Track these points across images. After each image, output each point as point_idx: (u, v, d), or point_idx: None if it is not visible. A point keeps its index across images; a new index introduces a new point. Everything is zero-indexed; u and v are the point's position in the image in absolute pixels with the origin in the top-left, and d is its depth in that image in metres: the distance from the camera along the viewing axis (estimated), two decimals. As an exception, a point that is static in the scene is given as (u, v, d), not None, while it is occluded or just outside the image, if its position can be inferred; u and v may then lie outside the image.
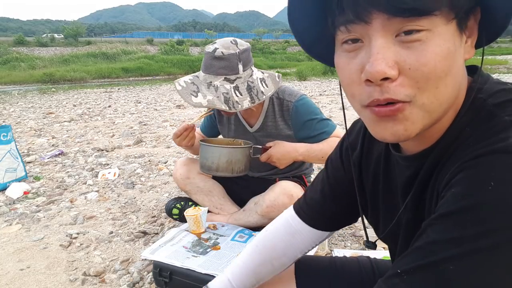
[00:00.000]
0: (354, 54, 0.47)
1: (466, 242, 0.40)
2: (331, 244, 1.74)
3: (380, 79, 0.43)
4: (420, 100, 0.45)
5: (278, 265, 0.84)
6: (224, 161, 1.56)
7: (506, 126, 0.44)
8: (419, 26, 0.42)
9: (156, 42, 39.57)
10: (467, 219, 0.41)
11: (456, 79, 0.47)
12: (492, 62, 18.90)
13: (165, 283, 1.36)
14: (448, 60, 0.44)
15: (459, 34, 0.46)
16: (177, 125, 5.32)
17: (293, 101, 1.64)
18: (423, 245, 0.45)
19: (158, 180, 2.84)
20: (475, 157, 0.43)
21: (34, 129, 5.29)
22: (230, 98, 1.47)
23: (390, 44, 0.44)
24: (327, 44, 0.54)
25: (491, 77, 0.54)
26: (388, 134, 0.48)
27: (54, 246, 1.83)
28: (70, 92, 12.38)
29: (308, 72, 14.35)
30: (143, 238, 1.88)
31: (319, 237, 0.83)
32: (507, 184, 0.39)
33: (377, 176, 0.68)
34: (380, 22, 0.43)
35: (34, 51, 31.24)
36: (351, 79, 0.48)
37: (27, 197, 2.55)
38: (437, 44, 0.43)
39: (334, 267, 0.91)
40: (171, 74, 24.78)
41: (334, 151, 0.81)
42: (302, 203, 0.84)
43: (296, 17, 0.52)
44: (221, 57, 1.46)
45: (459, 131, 0.49)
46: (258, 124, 1.73)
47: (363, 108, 0.49)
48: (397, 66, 0.44)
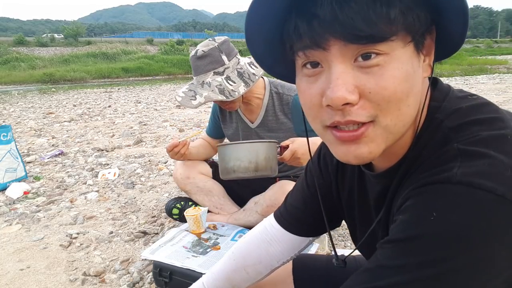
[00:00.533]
0: (314, 79, 0.47)
1: (410, 270, 0.42)
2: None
3: (341, 104, 0.44)
4: (384, 121, 0.45)
5: (253, 273, 0.83)
6: (263, 158, 1.39)
7: (455, 154, 0.44)
8: (377, 50, 0.43)
9: (156, 42, 39.57)
10: (411, 248, 0.43)
11: (417, 99, 0.48)
12: (492, 62, 18.92)
13: (165, 283, 1.36)
14: (408, 82, 0.45)
15: (417, 55, 0.46)
16: (177, 125, 5.32)
17: (293, 95, 1.67)
18: (373, 268, 0.47)
19: (158, 180, 2.84)
20: (422, 185, 0.45)
21: (34, 129, 5.29)
22: (224, 89, 1.51)
23: (349, 69, 0.44)
24: (288, 65, 0.54)
25: (451, 90, 0.54)
26: (351, 157, 0.48)
27: (54, 246, 1.83)
28: (70, 92, 12.39)
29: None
30: (143, 238, 1.88)
31: (298, 245, 0.82)
32: (447, 215, 0.41)
33: (352, 187, 0.69)
34: (338, 48, 0.43)
35: (34, 51, 31.25)
36: (312, 103, 0.48)
37: (27, 197, 2.56)
38: (396, 68, 0.44)
39: (331, 266, 0.91)
40: (171, 74, 24.81)
41: (313, 158, 0.79)
42: (282, 209, 0.83)
43: (254, 41, 0.52)
44: (203, 55, 1.53)
45: (418, 152, 0.50)
46: (259, 119, 1.75)
47: (324, 129, 0.49)
48: (357, 90, 0.44)
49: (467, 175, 0.41)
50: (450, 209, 0.41)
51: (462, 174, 0.42)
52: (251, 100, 1.70)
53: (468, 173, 0.42)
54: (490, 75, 12.36)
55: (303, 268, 0.91)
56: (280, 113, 1.70)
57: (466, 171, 0.42)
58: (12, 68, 23.33)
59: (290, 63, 0.52)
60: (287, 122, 1.70)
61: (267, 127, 1.74)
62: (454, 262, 0.40)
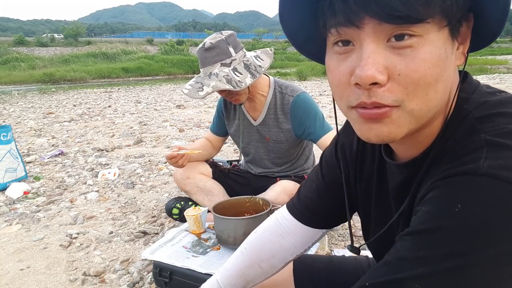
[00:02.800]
0: (344, 56, 0.47)
1: (431, 262, 0.41)
2: (331, 244, 1.74)
3: (369, 83, 0.43)
4: (409, 106, 0.45)
5: (267, 268, 0.82)
6: (241, 233, 1.40)
7: (481, 145, 0.44)
8: (411, 31, 0.42)
9: (156, 42, 39.58)
10: (434, 240, 0.42)
11: (447, 86, 0.47)
12: (492, 62, 18.92)
13: (165, 283, 1.36)
14: (439, 67, 0.44)
15: (451, 41, 0.45)
16: (177, 125, 5.32)
17: (294, 96, 1.69)
18: (392, 260, 0.46)
19: (158, 180, 2.84)
20: (446, 177, 0.44)
21: (34, 129, 5.29)
22: (232, 79, 1.53)
23: (381, 49, 0.43)
24: (319, 43, 0.54)
25: (481, 85, 0.54)
26: (372, 135, 0.48)
27: (54, 246, 1.83)
28: (70, 92, 12.39)
29: (308, 72, 14.36)
30: (143, 238, 1.88)
31: (311, 237, 0.81)
32: (472, 207, 0.40)
33: (371, 177, 0.68)
34: (372, 27, 0.43)
35: (34, 51, 31.27)
36: (341, 81, 0.48)
37: (27, 197, 2.56)
38: (428, 51, 0.43)
39: (332, 266, 0.91)
40: (171, 74, 24.80)
41: (329, 148, 0.78)
42: (295, 200, 0.82)
43: (287, 18, 0.52)
44: (211, 47, 1.55)
45: (444, 143, 0.49)
46: (261, 117, 1.76)
47: (349, 109, 0.49)
48: (387, 71, 0.43)
49: (493, 168, 0.41)
50: (474, 202, 0.40)
51: (488, 166, 0.41)
52: (255, 97, 1.71)
53: (494, 166, 0.41)
54: (490, 75, 12.35)
55: (304, 268, 0.90)
56: (280, 112, 1.72)
57: (493, 163, 0.41)
58: (12, 68, 23.33)
59: (321, 41, 0.51)
60: (285, 123, 1.71)
61: (268, 125, 1.76)
62: (477, 255, 0.39)
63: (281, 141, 1.75)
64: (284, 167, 1.85)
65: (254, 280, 0.83)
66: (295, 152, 1.82)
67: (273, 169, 1.86)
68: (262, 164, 1.88)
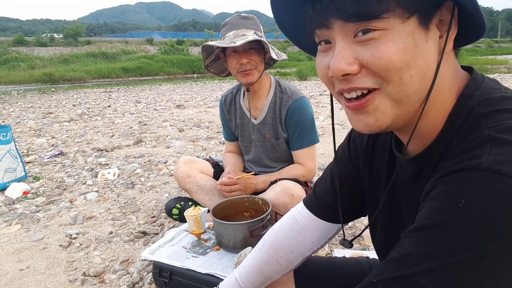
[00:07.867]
0: (325, 54, 0.54)
1: (437, 257, 0.42)
2: (331, 245, 1.74)
3: (340, 75, 0.49)
4: (387, 88, 0.49)
5: (285, 264, 0.84)
6: (241, 238, 1.40)
7: (484, 141, 0.45)
8: (372, 26, 0.47)
9: (156, 42, 39.55)
10: (439, 235, 0.43)
11: (425, 72, 0.49)
12: (492, 62, 18.92)
13: (165, 284, 1.35)
14: (407, 54, 0.47)
15: (423, 29, 0.47)
16: (177, 125, 5.32)
17: (293, 99, 1.71)
18: (398, 257, 0.47)
19: (158, 180, 2.84)
20: (451, 172, 0.45)
21: (34, 129, 5.29)
22: (265, 43, 1.60)
23: (350, 44, 0.49)
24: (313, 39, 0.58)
25: (486, 81, 0.54)
26: (362, 126, 0.53)
27: (53, 246, 1.83)
28: (70, 92, 12.38)
29: (308, 72, 14.36)
30: (143, 239, 1.88)
31: (328, 231, 0.83)
32: (476, 202, 0.41)
33: (380, 170, 0.69)
34: (339, 26, 0.49)
35: (33, 51, 31.24)
36: (323, 74, 0.54)
37: (26, 197, 2.55)
38: (391, 40, 0.46)
39: (332, 267, 0.91)
40: (170, 74, 24.80)
41: (342, 143, 0.81)
42: (311, 195, 0.84)
43: (282, 19, 0.59)
44: (248, 17, 1.67)
45: (449, 139, 0.51)
46: (261, 116, 1.78)
47: (339, 96, 0.55)
48: (358, 62, 0.49)
49: (497, 163, 0.41)
50: (478, 197, 0.41)
51: (492, 161, 0.42)
52: (260, 89, 1.74)
53: (498, 161, 0.42)
54: (490, 75, 12.32)
55: (304, 269, 0.90)
56: (278, 112, 1.74)
57: (496, 158, 0.42)
58: (12, 68, 23.33)
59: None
60: (279, 123, 1.74)
61: (268, 124, 1.78)
62: (482, 250, 0.40)
63: (280, 140, 1.76)
64: (283, 166, 1.85)
65: (272, 277, 0.85)
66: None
67: (273, 168, 1.86)
68: (261, 163, 1.88)
